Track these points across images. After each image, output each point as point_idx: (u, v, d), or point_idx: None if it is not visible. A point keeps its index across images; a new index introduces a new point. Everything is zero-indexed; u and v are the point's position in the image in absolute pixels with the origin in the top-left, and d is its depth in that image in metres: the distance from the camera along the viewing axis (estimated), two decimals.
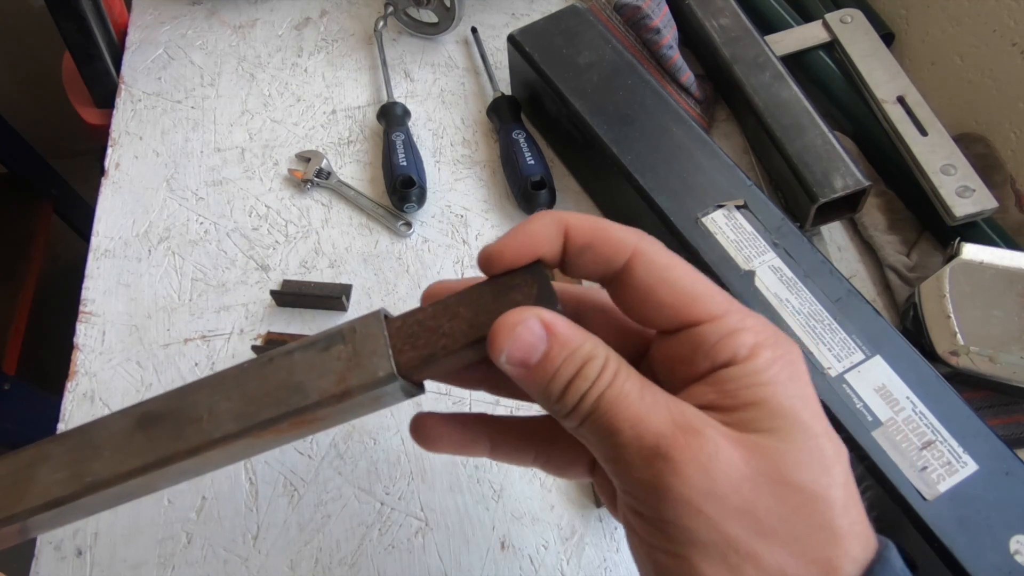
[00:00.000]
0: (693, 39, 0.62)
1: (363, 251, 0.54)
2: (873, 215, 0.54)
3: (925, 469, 0.35)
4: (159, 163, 0.59)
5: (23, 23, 1.24)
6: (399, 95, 0.63)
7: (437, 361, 0.23)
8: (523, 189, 0.53)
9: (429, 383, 0.26)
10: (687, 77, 0.58)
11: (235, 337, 0.50)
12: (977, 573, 0.33)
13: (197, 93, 0.64)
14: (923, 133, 0.53)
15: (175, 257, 0.54)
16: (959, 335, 0.44)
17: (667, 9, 0.60)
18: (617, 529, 0.43)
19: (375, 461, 0.45)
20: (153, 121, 0.62)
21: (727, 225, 0.44)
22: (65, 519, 0.24)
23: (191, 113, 0.62)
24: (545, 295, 0.23)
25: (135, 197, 0.57)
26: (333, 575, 0.42)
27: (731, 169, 0.47)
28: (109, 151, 0.60)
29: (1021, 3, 0.52)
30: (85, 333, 0.50)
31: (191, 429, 0.23)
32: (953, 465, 0.35)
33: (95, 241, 0.55)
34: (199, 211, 0.56)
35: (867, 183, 0.49)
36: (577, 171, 0.58)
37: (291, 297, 0.51)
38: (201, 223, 0.56)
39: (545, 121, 0.58)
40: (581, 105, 0.51)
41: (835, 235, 0.55)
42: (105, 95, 0.65)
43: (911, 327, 0.46)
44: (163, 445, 0.23)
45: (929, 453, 0.36)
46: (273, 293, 0.51)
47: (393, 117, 0.59)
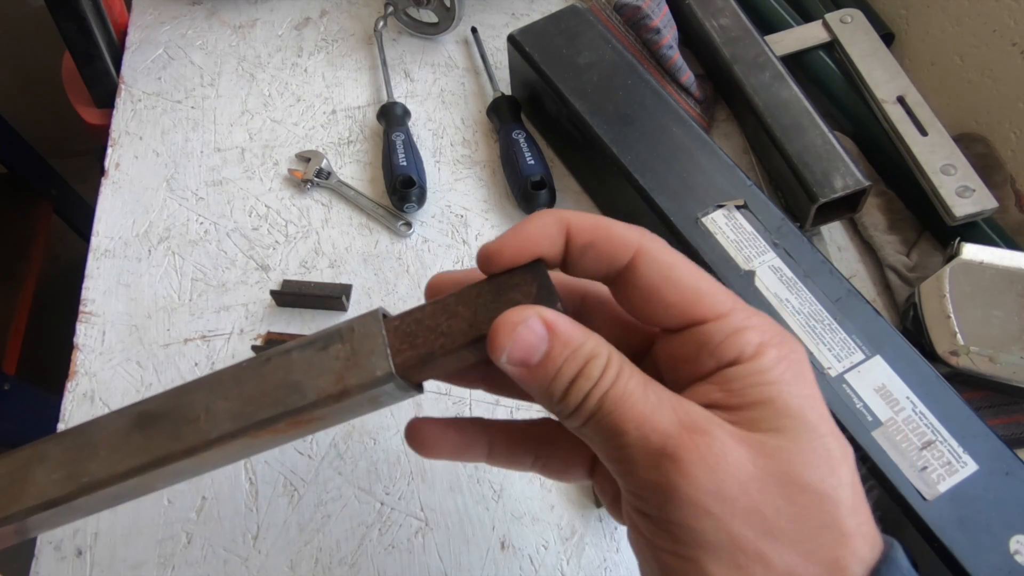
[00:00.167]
0: (693, 39, 0.62)
1: (363, 251, 0.54)
2: (873, 215, 0.54)
3: (925, 469, 0.35)
4: (159, 163, 0.59)
5: (23, 23, 1.24)
6: (399, 95, 0.63)
7: (435, 361, 0.23)
8: (523, 189, 0.53)
9: (429, 383, 0.26)
10: (687, 77, 0.58)
11: (235, 337, 0.50)
12: (977, 573, 0.33)
13: (197, 93, 0.63)
14: (923, 133, 0.53)
15: (175, 257, 0.54)
16: (959, 335, 0.43)
17: (667, 9, 0.60)
18: (617, 529, 0.43)
19: (375, 461, 0.45)
20: (153, 121, 0.62)
21: (727, 225, 0.44)
22: (62, 519, 0.24)
23: (191, 113, 0.62)
24: (545, 294, 0.23)
25: (135, 197, 0.57)
26: (333, 575, 0.42)
27: (731, 169, 0.47)
28: (109, 151, 0.60)
29: (1021, 3, 0.52)
30: (85, 333, 0.50)
31: (188, 429, 0.23)
32: (953, 465, 0.35)
33: (95, 241, 0.55)
34: (199, 211, 0.56)
35: (867, 183, 0.49)
36: (577, 171, 0.58)
37: (291, 297, 0.51)
38: (201, 223, 0.56)
39: (545, 121, 0.58)
40: (581, 105, 0.51)
41: (835, 235, 0.55)
42: (105, 95, 0.65)
43: (911, 327, 0.46)
44: (160, 445, 0.23)
45: (929, 453, 0.36)
46: (273, 293, 0.51)
47: (393, 117, 0.59)
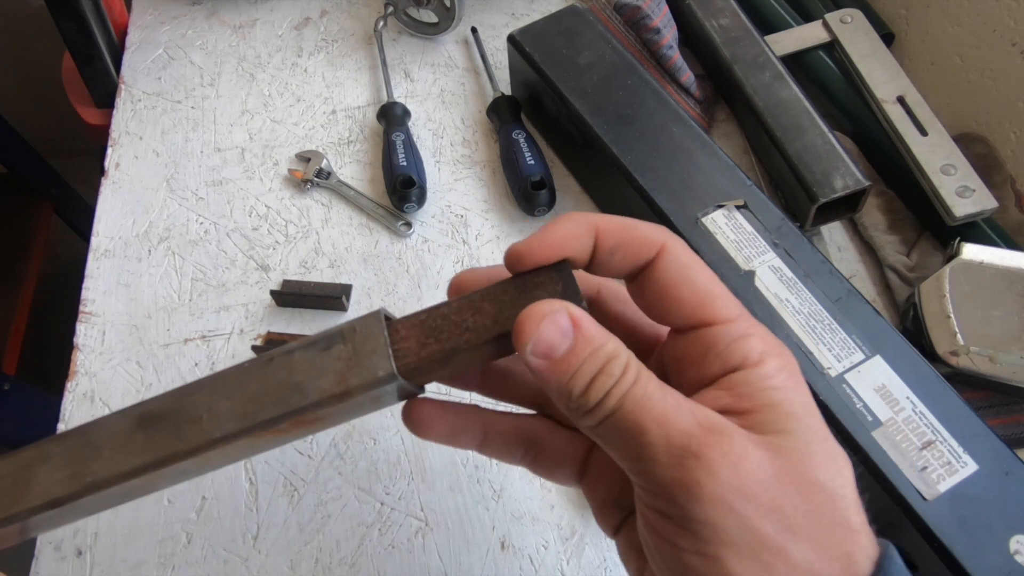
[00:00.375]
0: (693, 39, 0.62)
1: (363, 251, 0.54)
2: (873, 215, 0.54)
3: (925, 469, 0.35)
4: (159, 163, 0.59)
5: (23, 23, 1.24)
6: (399, 95, 0.63)
7: (459, 356, 0.23)
8: (523, 189, 0.53)
9: (430, 384, 0.26)
10: (687, 77, 0.58)
11: (235, 337, 0.50)
12: (977, 573, 0.33)
13: (197, 93, 0.63)
14: (923, 133, 0.53)
15: (175, 257, 0.54)
16: (959, 335, 0.44)
17: (667, 9, 0.60)
18: None
19: (375, 461, 0.45)
20: (153, 121, 0.62)
21: (727, 225, 0.44)
22: (65, 519, 0.24)
23: (191, 113, 0.62)
24: (570, 292, 0.23)
25: (135, 197, 0.57)
26: (333, 575, 0.42)
27: (731, 169, 0.47)
28: (109, 151, 0.60)
29: (1021, 3, 0.52)
30: (85, 333, 0.50)
31: (191, 429, 0.23)
32: (953, 465, 0.35)
33: (95, 241, 0.55)
34: (199, 211, 0.56)
35: (867, 183, 0.49)
36: (577, 171, 0.58)
37: (291, 297, 0.51)
38: (201, 223, 0.56)
39: (545, 121, 0.58)
40: (581, 105, 0.51)
41: (835, 235, 0.55)
42: (105, 95, 0.64)
43: (911, 327, 0.46)
44: (163, 445, 0.23)
45: (929, 453, 0.36)
46: (273, 293, 0.51)
47: (393, 117, 0.59)
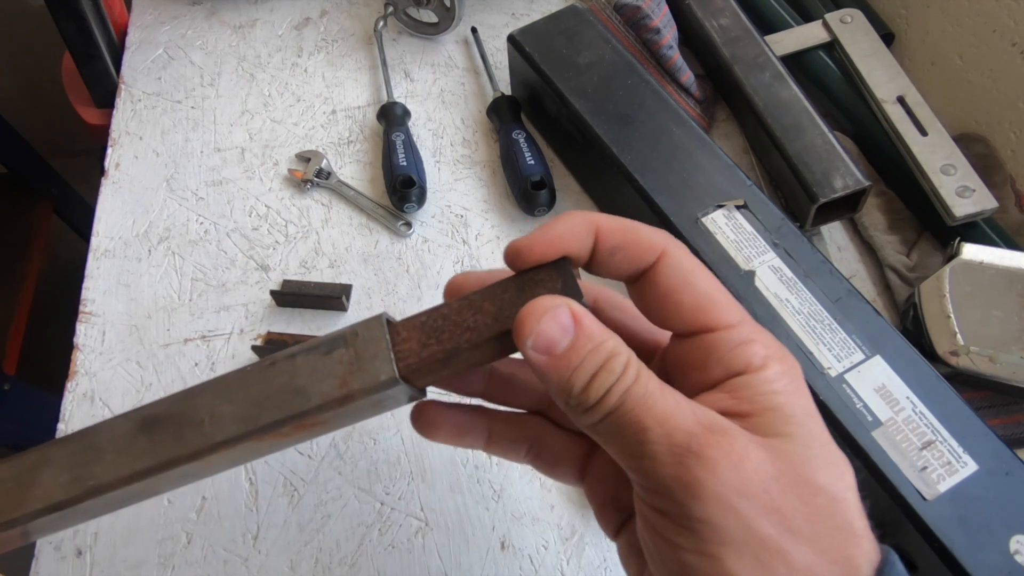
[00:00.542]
0: (693, 39, 0.62)
1: (363, 251, 0.54)
2: (873, 215, 0.54)
3: (925, 469, 0.35)
4: (159, 163, 0.59)
5: (23, 23, 1.24)
6: (399, 95, 0.63)
7: (460, 356, 0.23)
8: (523, 189, 0.53)
9: (430, 387, 0.27)
10: (687, 77, 0.58)
11: (235, 337, 0.50)
12: (977, 573, 0.33)
13: (197, 93, 0.63)
14: (923, 133, 0.53)
15: (175, 257, 0.54)
16: (959, 335, 0.44)
17: (667, 9, 0.60)
18: None
19: (375, 461, 0.45)
20: (153, 121, 0.62)
21: (727, 225, 0.44)
22: (68, 522, 0.24)
23: (191, 113, 0.62)
24: (570, 290, 0.23)
25: (135, 197, 0.57)
26: (333, 575, 0.42)
27: (731, 169, 0.47)
28: (109, 151, 0.60)
29: (1021, 3, 0.52)
30: (85, 333, 0.50)
31: (193, 432, 0.23)
32: (953, 465, 0.35)
33: (95, 241, 0.55)
34: (199, 211, 0.56)
35: (867, 183, 0.49)
36: (577, 171, 0.58)
37: (291, 297, 0.51)
38: (201, 223, 0.56)
39: (545, 121, 0.58)
40: (581, 105, 0.51)
41: (835, 235, 0.55)
42: (105, 95, 0.64)
43: (911, 327, 0.46)
44: (165, 449, 0.23)
45: (929, 453, 0.36)
46: (273, 293, 0.51)
47: (393, 117, 0.59)
